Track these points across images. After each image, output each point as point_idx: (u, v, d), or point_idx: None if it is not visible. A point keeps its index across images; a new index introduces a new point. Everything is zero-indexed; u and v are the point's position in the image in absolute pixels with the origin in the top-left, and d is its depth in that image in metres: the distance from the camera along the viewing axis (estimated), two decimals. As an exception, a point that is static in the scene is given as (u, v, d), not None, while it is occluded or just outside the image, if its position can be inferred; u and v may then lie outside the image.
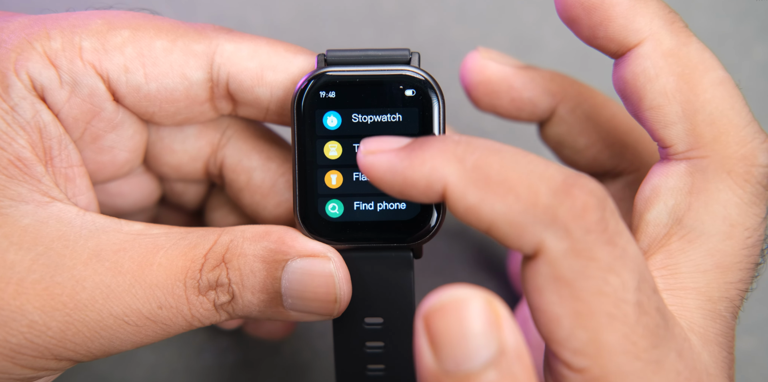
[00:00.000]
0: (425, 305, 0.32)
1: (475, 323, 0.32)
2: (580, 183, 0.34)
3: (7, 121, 0.39)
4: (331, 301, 0.40)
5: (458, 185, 0.34)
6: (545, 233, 0.33)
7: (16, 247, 0.38)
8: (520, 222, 0.33)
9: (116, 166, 0.43)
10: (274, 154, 0.44)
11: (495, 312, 0.32)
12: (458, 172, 0.34)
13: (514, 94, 0.46)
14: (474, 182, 0.34)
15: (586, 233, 0.33)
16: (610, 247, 0.33)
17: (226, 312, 0.40)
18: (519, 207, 0.33)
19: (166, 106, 0.41)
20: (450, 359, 0.32)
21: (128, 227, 0.40)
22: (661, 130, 0.39)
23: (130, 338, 0.39)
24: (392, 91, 0.40)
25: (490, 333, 0.32)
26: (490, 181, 0.34)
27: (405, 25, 0.60)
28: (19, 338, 0.37)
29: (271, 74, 0.41)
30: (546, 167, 0.34)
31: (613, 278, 0.33)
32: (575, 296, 0.33)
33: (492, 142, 0.35)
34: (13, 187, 0.38)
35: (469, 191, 0.34)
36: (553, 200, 0.33)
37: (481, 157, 0.34)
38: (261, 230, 0.40)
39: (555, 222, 0.33)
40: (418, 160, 0.35)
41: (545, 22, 0.60)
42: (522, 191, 0.33)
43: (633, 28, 0.39)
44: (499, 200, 0.33)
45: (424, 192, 0.35)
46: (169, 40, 0.40)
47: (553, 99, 0.46)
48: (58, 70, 0.39)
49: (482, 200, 0.34)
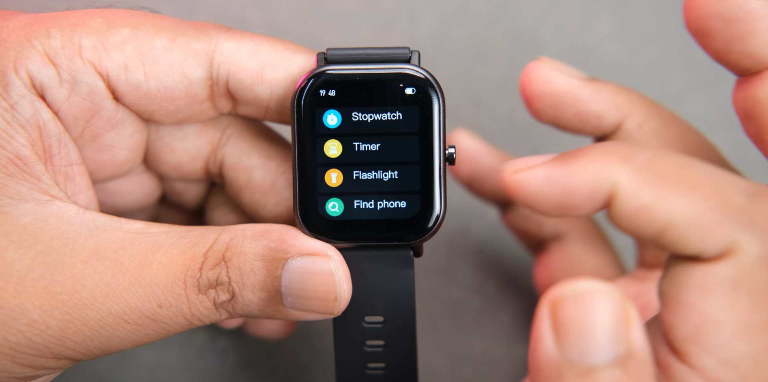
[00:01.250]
0: (555, 290, 0.31)
1: (606, 317, 0.30)
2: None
3: (7, 119, 0.39)
4: (332, 299, 0.40)
5: (630, 184, 0.32)
6: (740, 235, 0.31)
7: (16, 245, 0.38)
8: (707, 221, 0.31)
9: (116, 164, 0.43)
10: (274, 153, 0.44)
11: (627, 312, 0.31)
12: (629, 170, 0.32)
13: (581, 107, 0.44)
14: (649, 180, 0.32)
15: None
16: None
17: (226, 311, 0.40)
18: (707, 205, 0.31)
19: (166, 105, 0.41)
20: (575, 349, 0.30)
21: (128, 225, 0.40)
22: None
23: (130, 337, 0.39)
24: (392, 89, 0.40)
25: (620, 331, 0.30)
26: (668, 178, 0.32)
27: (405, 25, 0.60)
28: (18, 337, 0.37)
29: (271, 73, 0.41)
30: (725, 172, 0.32)
31: None
32: (754, 308, 0.31)
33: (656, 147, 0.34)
34: (13, 185, 0.38)
35: (643, 189, 0.32)
36: (749, 201, 0.31)
37: (652, 157, 0.32)
38: (261, 228, 0.40)
39: (752, 224, 0.31)
40: (579, 164, 0.33)
41: (545, 22, 0.60)
42: (709, 189, 0.31)
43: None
44: (681, 197, 0.31)
45: (588, 197, 0.33)
46: (169, 38, 0.40)
47: (620, 113, 0.44)
48: (57, 69, 0.39)
49: (660, 198, 0.32)
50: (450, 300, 0.59)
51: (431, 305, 0.58)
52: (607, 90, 0.44)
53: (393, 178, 0.40)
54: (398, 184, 0.40)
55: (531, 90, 0.44)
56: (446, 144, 0.41)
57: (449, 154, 0.41)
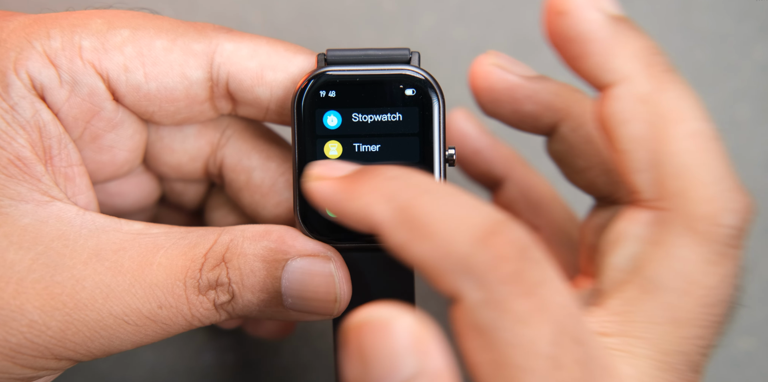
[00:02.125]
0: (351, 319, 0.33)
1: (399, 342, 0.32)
2: (502, 231, 0.33)
3: (7, 120, 0.39)
4: (331, 300, 0.40)
5: (386, 225, 0.34)
6: (461, 282, 0.33)
7: (16, 246, 0.38)
8: (439, 268, 0.33)
9: (116, 165, 0.43)
10: (274, 154, 0.44)
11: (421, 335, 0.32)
12: (387, 211, 0.34)
13: (516, 106, 0.44)
14: (401, 223, 0.34)
15: (500, 284, 0.33)
16: (525, 298, 0.33)
17: (226, 312, 0.40)
18: (438, 253, 0.33)
19: (166, 106, 0.41)
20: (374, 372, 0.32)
21: (128, 226, 0.40)
22: (630, 175, 0.38)
23: (130, 338, 0.39)
24: (392, 90, 0.40)
25: (413, 354, 0.32)
26: (415, 223, 0.34)
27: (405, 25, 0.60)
28: (18, 338, 0.37)
29: (271, 74, 0.41)
30: (472, 211, 0.34)
31: (525, 331, 0.33)
32: (490, 346, 0.33)
33: (427, 180, 0.35)
34: (13, 186, 0.38)
35: (396, 232, 0.34)
36: (470, 248, 0.33)
37: (411, 198, 0.34)
38: (261, 229, 0.40)
39: (471, 272, 0.33)
40: (353, 193, 0.35)
41: (545, 22, 0.60)
42: (442, 237, 0.33)
43: (608, 68, 0.38)
44: (421, 243, 0.33)
45: (358, 225, 0.35)
46: (169, 39, 0.40)
47: (556, 116, 0.44)
48: (57, 70, 0.39)
49: (408, 242, 0.34)
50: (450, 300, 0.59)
51: (431, 305, 0.58)
52: (545, 90, 0.44)
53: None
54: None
55: (473, 84, 0.44)
56: (446, 145, 0.41)
57: (449, 155, 0.41)
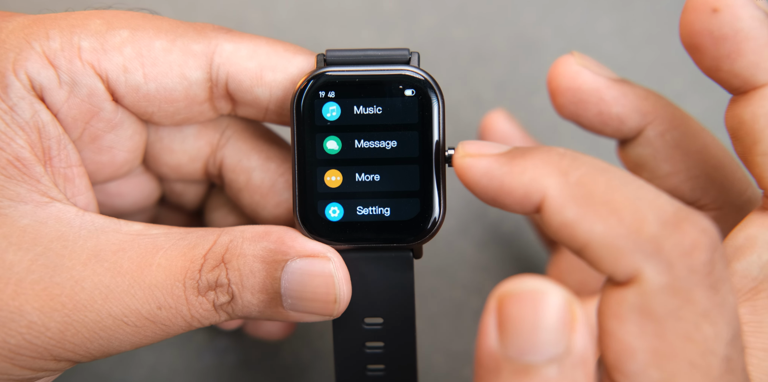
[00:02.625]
0: (503, 287, 0.31)
1: (551, 317, 0.31)
2: (693, 219, 0.32)
3: (6, 121, 0.38)
4: (331, 301, 0.40)
5: (558, 199, 0.33)
6: (645, 263, 0.32)
7: (15, 247, 0.38)
8: (619, 246, 0.32)
9: (115, 166, 0.43)
10: (274, 155, 0.44)
11: (572, 313, 0.31)
12: (560, 185, 0.33)
13: (603, 108, 0.43)
14: (575, 198, 0.33)
15: (690, 272, 0.32)
16: (711, 292, 0.32)
17: (226, 313, 0.40)
18: (621, 231, 0.32)
19: (165, 106, 0.41)
20: (515, 346, 0.31)
21: (127, 227, 0.40)
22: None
23: (129, 339, 0.39)
24: (392, 90, 0.40)
25: (563, 331, 0.31)
26: (593, 199, 0.33)
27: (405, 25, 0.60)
28: (18, 339, 0.37)
29: (271, 74, 0.41)
30: (657, 196, 0.33)
31: (707, 326, 0.32)
32: (660, 335, 0.32)
33: (600, 161, 0.34)
34: (12, 187, 0.38)
35: (568, 206, 0.33)
36: (661, 230, 0.32)
37: (587, 174, 0.33)
38: (260, 230, 0.40)
39: (659, 254, 0.32)
40: (518, 167, 0.34)
41: (545, 22, 0.60)
42: (627, 215, 0.32)
43: (764, 67, 0.36)
44: (600, 220, 0.32)
45: (519, 201, 0.34)
46: (168, 40, 0.40)
47: (644, 119, 0.43)
48: (56, 70, 0.39)
49: (581, 218, 0.33)
50: (450, 300, 0.59)
51: (431, 305, 0.58)
52: (633, 94, 0.43)
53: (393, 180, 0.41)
54: (398, 186, 0.40)
55: (556, 84, 0.43)
56: (446, 145, 0.41)
57: (449, 155, 0.41)
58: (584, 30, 0.60)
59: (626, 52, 0.60)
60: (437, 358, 0.58)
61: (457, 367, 0.58)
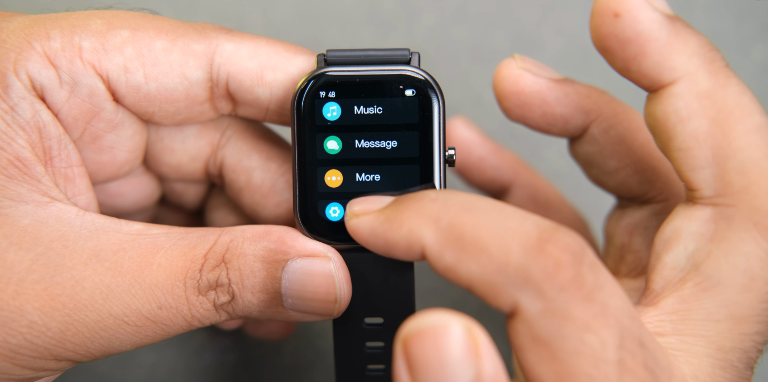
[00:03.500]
0: (404, 329, 0.32)
1: (454, 349, 0.32)
2: (555, 238, 0.33)
3: (7, 121, 0.38)
4: (331, 301, 0.40)
5: (435, 247, 0.34)
6: (519, 294, 0.33)
7: (16, 247, 0.38)
8: (494, 283, 0.33)
9: (116, 166, 0.43)
10: (274, 154, 0.44)
11: (474, 339, 0.32)
12: (434, 233, 0.34)
13: (546, 109, 0.44)
14: (449, 243, 0.34)
15: (560, 291, 0.33)
16: (587, 304, 0.33)
17: (226, 312, 0.40)
18: (492, 268, 0.33)
19: (166, 106, 0.41)
20: None
21: (128, 227, 0.40)
22: (689, 173, 0.38)
23: (130, 339, 0.39)
24: (392, 90, 0.40)
25: (469, 360, 0.32)
26: (464, 241, 0.34)
27: (405, 25, 0.60)
28: (18, 339, 0.37)
29: (271, 74, 0.41)
30: (521, 222, 0.34)
31: (591, 337, 0.33)
32: (553, 357, 0.33)
33: (469, 198, 0.35)
34: (13, 187, 0.38)
35: (445, 252, 0.34)
36: (526, 259, 0.33)
37: (455, 217, 0.34)
38: (261, 230, 0.40)
39: (528, 282, 0.33)
40: (396, 223, 0.35)
41: (545, 22, 0.60)
42: (495, 251, 0.33)
43: (668, 66, 0.37)
44: (473, 260, 0.34)
45: (405, 253, 0.35)
46: (169, 40, 0.40)
47: (587, 117, 0.44)
48: (57, 70, 0.39)
49: (458, 261, 0.34)
50: (450, 300, 0.59)
51: (431, 305, 0.58)
52: (575, 93, 0.44)
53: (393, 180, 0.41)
54: (398, 186, 0.40)
55: (500, 88, 0.44)
56: (446, 145, 0.41)
57: (449, 155, 0.41)
58: (584, 30, 0.60)
59: (626, 53, 0.60)
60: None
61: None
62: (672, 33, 0.37)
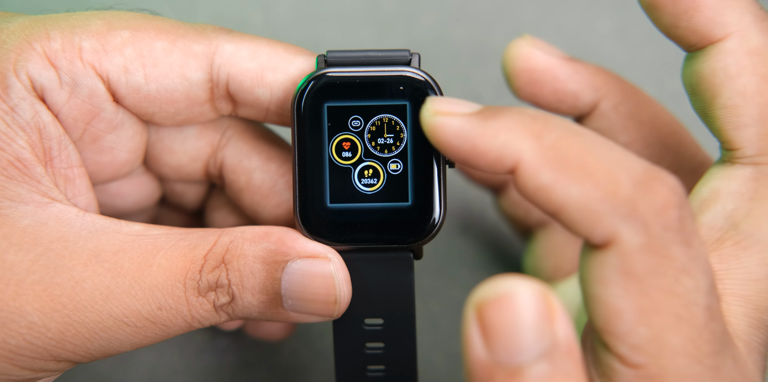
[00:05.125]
0: (477, 295, 0.32)
1: (529, 315, 0.31)
2: (662, 178, 0.33)
3: (7, 121, 0.38)
4: (331, 302, 0.40)
5: (532, 163, 0.33)
6: (621, 225, 0.32)
7: (16, 248, 0.38)
8: (595, 209, 0.33)
9: (116, 166, 0.43)
10: (274, 155, 0.44)
11: (549, 305, 0.31)
12: (534, 149, 0.33)
13: (558, 86, 0.44)
14: (550, 162, 0.33)
15: (665, 230, 0.32)
16: (686, 247, 0.33)
17: (226, 313, 0.40)
18: (597, 194, 0.33)
19: (166, 107, 0.41)
20: (502, 351, 0.31)
21: (128, 227, 0.40)
22: (732, 132, 0.37)
23: (130, 339, 0.39)
24: (392, 92, 0.40)
25: (544, 326, 0.31)
26: (568, 162, 0.33)
27: (405, 25, 0.60)
28: (18, 340, 0.37)
29: (271, 75, 0.41)
30: (627, 156, 0.33)
31: (687, 279, 0.33)
32: (644, 293, 0.32)
33: (571, 124, 0.34)
34: (13, 187, 0.38)
35: (543, 171, 0.33)
36: (635, 191, 0.32)
37: (560, 137, 0.33)
38: (261, 230, 0.40)
39: (634, 215, 0.32)
40: (491, 130, 0.34)
41: (545, 22, 0.60)
42: (602, 178, 0.33)
43: (720, 21, 0.37)
44: (575, 183, 0.33)
45: (492, 164, 0.34)
46: (169, 40, 0.40)
47: (597, 94, 0.44)
48: (57, 71, 0.39)
49: (557, 182, 0.33)
50: (450, 300, 0.59)
51: (431, 305, 0.58)
52: (585, 70, 0.44)
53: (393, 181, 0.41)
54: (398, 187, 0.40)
55: (510, 66, 0.44)
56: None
57: (449, 156, 0.41)
58: (584, 30, 0.60)
59: (626, 52, 0.60)
60: (437, 358, 0.58)
61: (457, 367, 0.58)
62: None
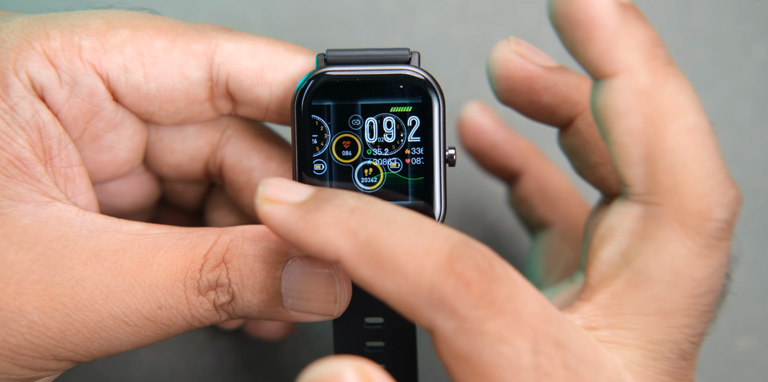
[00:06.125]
0: (301, 378, 0.33)
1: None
2: (464, 256, 0.34)
3: (7, 120, 0.38)
4: (331, 301, 0.40)
5: (351, 260, 0.34)
6: (434, 314, 0.34)
7: (16, 247, 0.38)
8: (410, 303, 0.34)
9: (116, 165, 0.43)
10: (274, 154, 0.44)
11: (368, 380, 0.33)
12: (350, 246, 0.34)
13: (534, 97, 0.43)
14: (365, 259, 0.34)
15: (473, 309, 0.33)
16: (498, 317, 0.34)
17: (226, 312, 0.40)
18: (407, 288, 0.34)
19: (166, 106, 0.41)
20: None
21: (128, 227, 0.40)
22: (623, 168, 0.38)
23: (130, 339, 0.39)
24: (392, 90, 0.40)
25: None
26: (380, 259, 0.34)
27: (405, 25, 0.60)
28: (18, 339, 0.37)
29: (271, 74, 0.41)
30: (434, 239, 0.34)
31: (505, 348, 0.33)
32: (475, 371, 0.34)
33: (388, 210, 0.35)
34: (13, 186, 0.38)
35: (361, 267, 0.34)
36: (438, 279, 0.33)
37: (373, 231, 0.34)
38: (261, 229, 0.40)
39: (441, 302, 0.33)
40: (311, 225, 0.35)
41: (545, 22, 0.60)
42: (410, 272, 0.34)
43: (612, 57, 0.37)
44: (389, 279, 0.34)
45: (318, 256, 0.35)
46: (169, 39, 0.40)
47: (574, 109, 0.43)
48: (57, 70, 0.39)
49: (374, 277, 0.34)
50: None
51: (431, 305, 0.58)
52: (565, 83, 0.43)
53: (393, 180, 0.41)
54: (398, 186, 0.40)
55: (490, 70, 0.43)
56: (446, 145, 0.41)
57: (449, 155, 0.41)
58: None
59: (626, 52, 0.60)
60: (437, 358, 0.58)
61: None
62: (621, 23, 0.36)
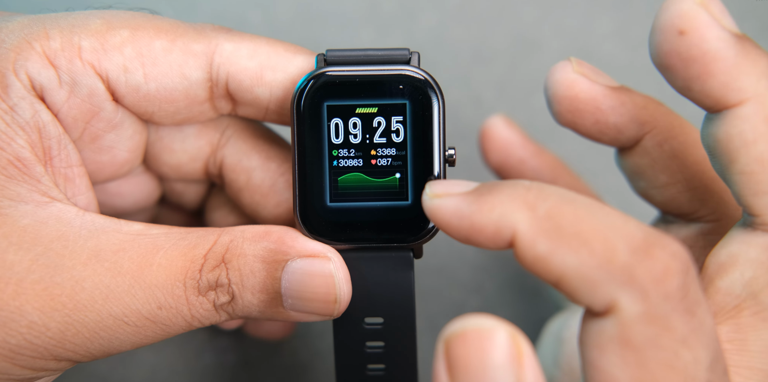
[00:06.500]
0: (448, 329, 0.32)
1: (497, 355, 0.31)
2: (663, 243, 0.32)
3: (7, 121, 0.38)
4: (331, 301, 0.40)
5: (528, 234, 0.33)
6: (620, 293, 0.32)
7: (16, 247, 0.38)
8: (593, 278, 0.32)
9: (116, 166, 0.43)
10: (274, 154, 0.44)
11: (518, 347, 0.31)
12: (529, 220, 0.33)
13: (600, 117, 0.42)
14: (545, 232, 0.33)
15: (665, 299, 0.32)
16: (688, 317, 0.32)
17: (226, 312, 0.40)
18: (593, 262, 0.32)
19: (166, 106, 0.41)
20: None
21: (128, 227, 0.40)
22: (751, 198, 0.36)
23: (130, 339, 0.39)
24: (392, 90, 0.40)
25: (510, 368, 0.31)
26: (562, 231, 0.32)
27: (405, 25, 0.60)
28: (18, 339, 0.37)
29: (271, 74, 0.41)
30: (625, 222, 0.33)
31: (686, 353, 0.32)
32: (641, 364, 0.32)
33: (566, 191, 0.34)
34: (13, 187, 0.38)
35: (539, 241, 0.33)
36: (632, 258, 0.32)
37: (554, 206, 0.33)
38: (261, 230, 0.40)
39: (632, 282, 0.32)
40: (487, 205, 0.34)
41: (545, 22, 0.60)
42: (597, 245, 0.32)
43: (735, 87, 0.36)
44: (571, 252, 0.32)
45: (491, 239, 0.34)
46: (169, 39, 0.40)
47: (641, 129, 0.42)
48: (57, 70, 0.39)
49: (553, 251, 0.33)
50: (450, 300, 0.59)
51: (431, 305, 0.58)
52: (631, 102, 0.42)
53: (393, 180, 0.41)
54: (398, 186, 0.40)
55: (552, 92, 0.42)
56: (446, 145, 0.41)
57: (449, 155, 0.41)
58: (584, 30, 0.60)
59: (626, 53, 0.60)
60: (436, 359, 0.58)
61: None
62: (741, 53, 0.36)
